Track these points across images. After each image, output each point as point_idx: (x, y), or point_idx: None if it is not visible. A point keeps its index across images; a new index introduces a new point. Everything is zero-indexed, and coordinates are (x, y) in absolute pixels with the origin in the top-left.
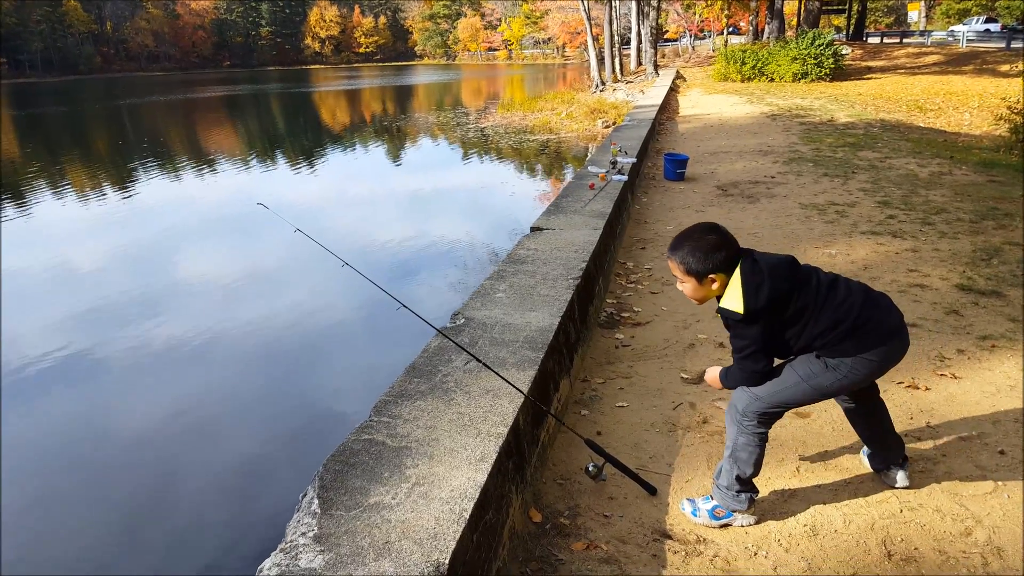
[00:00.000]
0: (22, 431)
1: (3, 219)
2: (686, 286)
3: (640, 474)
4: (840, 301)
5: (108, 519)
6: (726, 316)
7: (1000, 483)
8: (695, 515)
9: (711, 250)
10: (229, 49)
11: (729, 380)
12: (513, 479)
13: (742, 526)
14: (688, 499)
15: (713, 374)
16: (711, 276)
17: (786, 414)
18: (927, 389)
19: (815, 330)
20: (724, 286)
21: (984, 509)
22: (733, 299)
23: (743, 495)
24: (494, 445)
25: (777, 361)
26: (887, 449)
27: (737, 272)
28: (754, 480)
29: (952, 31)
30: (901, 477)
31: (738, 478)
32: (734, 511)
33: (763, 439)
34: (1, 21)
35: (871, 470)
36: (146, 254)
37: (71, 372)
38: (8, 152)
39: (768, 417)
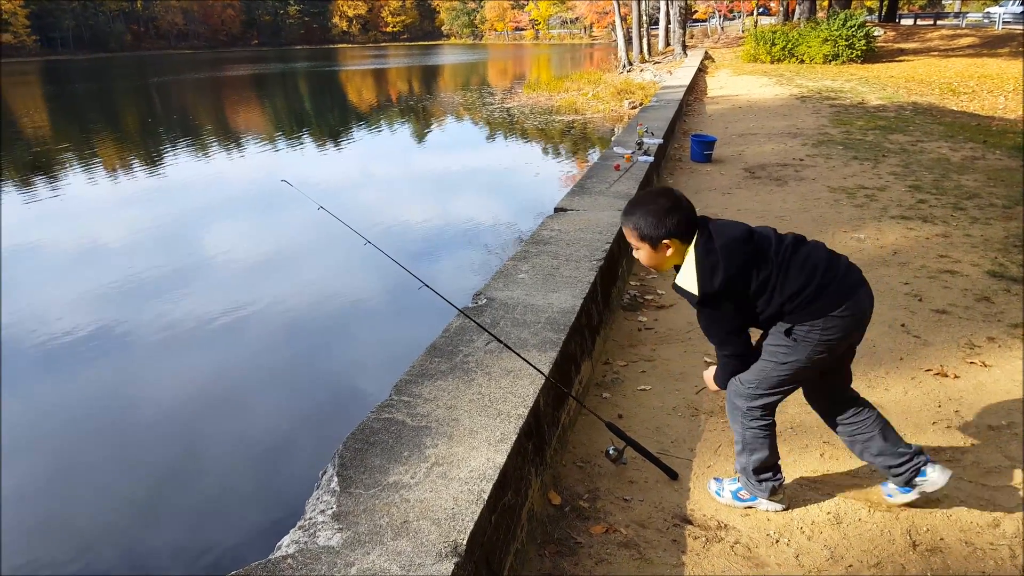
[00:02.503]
0: (52, 402)
1: (35, 196)
2: (640, 253)
3: (661, 458)
4: (804, 259)
5: (132, 489)
6: (683, 295)
7: None
8: (719, 495)
9: (663, 215)
10: (257, 28)
11: (719, 378)
12: (533, 461)
13: (767, 511)
14: (716, 478)
15: (709, 376)
16: (665, 242)
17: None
18: (956, 377)
19: (783, 295)
20: (681, 254)
21: (1013, 500)
22: (689, 280)
23: (764, 483)
24: (514, 426)
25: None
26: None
27: (692, 250)
28: (777, 464)
29: (988, 12)
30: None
31: (754, 469)
32: (757, 496)
33: (770, 428)
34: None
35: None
36: (173, 231)
37: (99, 345)
38: (40, 129)
39: (769, 406)
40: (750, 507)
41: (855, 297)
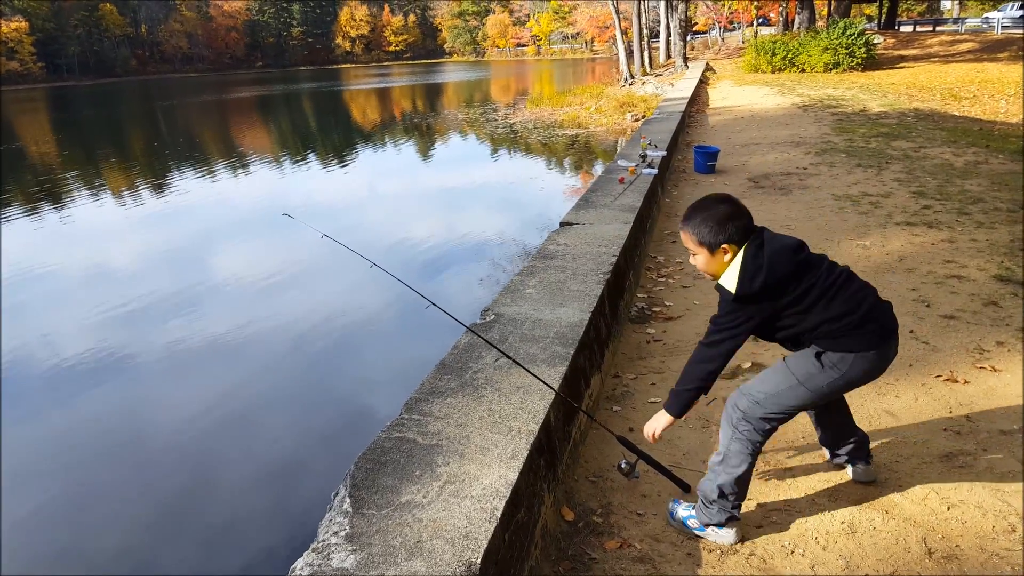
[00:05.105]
0: (63, 426)
1: (42, 220)
2: (698, 259)
3: (674, 471)
4: (854, 292)
5: (145, 512)
6: (720, 293)
7: None
8: (671, 516)
9: (724, 221)
10: (261, 50)
11: (684, 376)
12: (545, 477)
13: (717, 543)
14: (675, 500)
15: (656, 421)
16: (723, 247)
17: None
18: (966, 382)
19: (824, 315)
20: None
21: None
22: (730, 279)
23: (724, 503)
24: (525, 442)
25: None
26: (856, 447)
27: (742, 252)
28: (737, 499)
29: (987, 18)
30: (864, 472)
31: (720, 489)
32: (706, 524)
33: (756, 449)
34: (40, 27)
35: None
36: (181, 255)
37: (109, 369)
38: (48, 156)
39: (767, 425)
40: (698, 537)
41: (886, 345)
